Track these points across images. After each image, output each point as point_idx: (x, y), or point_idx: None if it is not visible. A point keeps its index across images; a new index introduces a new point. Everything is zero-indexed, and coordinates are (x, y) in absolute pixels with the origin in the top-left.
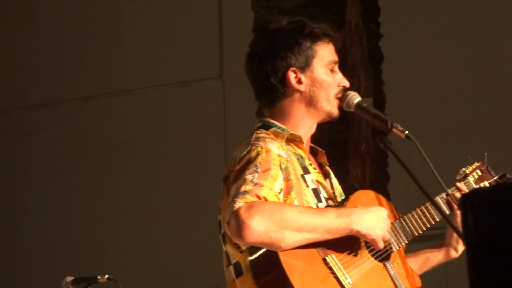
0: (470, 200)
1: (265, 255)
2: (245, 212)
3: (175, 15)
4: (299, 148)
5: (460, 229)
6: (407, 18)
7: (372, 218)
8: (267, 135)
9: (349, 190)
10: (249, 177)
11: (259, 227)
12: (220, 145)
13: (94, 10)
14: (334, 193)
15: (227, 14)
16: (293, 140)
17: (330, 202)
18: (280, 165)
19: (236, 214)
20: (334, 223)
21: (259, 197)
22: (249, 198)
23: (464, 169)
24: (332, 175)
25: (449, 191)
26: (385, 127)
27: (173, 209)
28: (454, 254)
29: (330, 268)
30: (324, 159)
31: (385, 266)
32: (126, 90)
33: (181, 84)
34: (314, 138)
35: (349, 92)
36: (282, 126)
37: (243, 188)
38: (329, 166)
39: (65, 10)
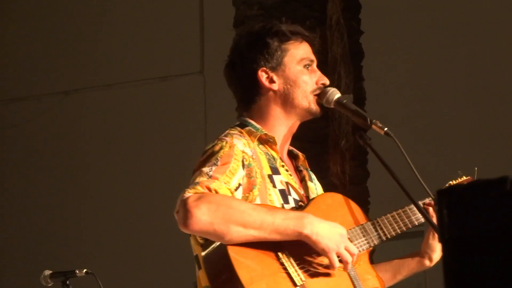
0: (446, 197)
1: (216, 248)
2: (193, 202)
3: (157, 10)
4: (272, 149)
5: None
6: (388, 15)
7: (326, 229)
8: (236, 132)
9: (328, 187)
10: (205, 169)
11: (204, 217)
12: (200, 139)
13: (74, 4)
14: (308, 196)
15: (208, 9)
16: (266, 140)
17: (301, 204)
18: (242, 161)
19: (184, 203)
20: (283, 224)
21: (209, 189)
22: (199, 189)
23: (451, 182)
24: (313, 180)
25: (427, 200)
26: (364, 124)
27: (152, 203)
28: (428, 264)
29: (281, 264)
30: (304, 164)
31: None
32: (106, 84)
33: (162, 79)
34: (294, 135)
35: (329, 88)
36: (257, 126)
37: (196, 179)
38: (310, 168)
39: (46, 4)
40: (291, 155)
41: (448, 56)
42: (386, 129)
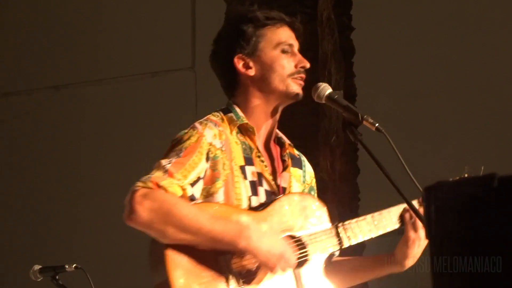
0: (433, 193)
1: (158, 245)
2: (138, 197)
3: (148, 5)
4: (250, 139)
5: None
6: (379, 12)
7: (266, 244)
8: (214, 119)
9: (318, 183)
10: (164, 161)
11: (145, 215)
12: None
13: (66, 0)
14: (287, 187)
15: (200, 4)
16: (246, 130)
17: (273, 197)
18: (207, 154)
19: (131, 196)
20: (220, 234)
21: (158, 186)
22: (149, 184)
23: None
24: (304, 168)
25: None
26: (355, 119)
27: None
28: (399, 269)
29: (220, 268)
30: (291, 151)
31: (294, 272)
32: (97, 79)
33: (152, 74)
34: (283, 130)
35: (320, 83)
36: (240, 114)
37: (152, 173)
38: (303, 157)
39: None
40: (279, 143)
41: (439, 52)
42: (377, 124)
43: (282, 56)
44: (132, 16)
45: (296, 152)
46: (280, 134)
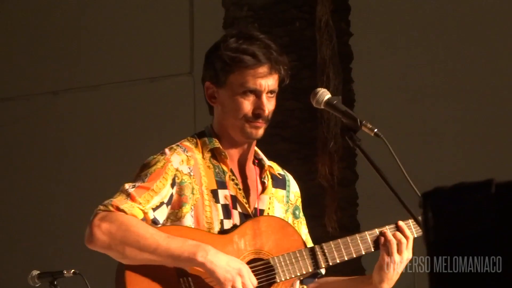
0: (431, 200)
1: (119, 267)
2: (97, 220)
3: (146, 11)
4: (223, 162)
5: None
6: (377, 17)
7: (222, 260)
8: (186, 145)
9: (317, 188)
10: (127, 185)
11: (103, 238)
12: None
13: (64, 5)
14: (264, 209)
15: (198, 10)
16: (219, 154)
17: (236, 224)
18: (174, 179)
19: (91, 220)
20: (178, 250)
21: (118, 209)
22: (110, 208)
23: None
24: (289, 188)
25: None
26: (354, 125)
27: None
28: None
29: None
30: (272, 171)
31: None
32: (96, 85)
33: (151, 80)
34: (282, 137)
35: (318, 89)
36: (212, 138)
37: (115, 196)
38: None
39: (35, 4)
40: (260, 164)
41: (437, 57)
42: (376, 130)
43: (242, 99)
44: (130, 21)
45: (279, 172)
46: (261, 156)
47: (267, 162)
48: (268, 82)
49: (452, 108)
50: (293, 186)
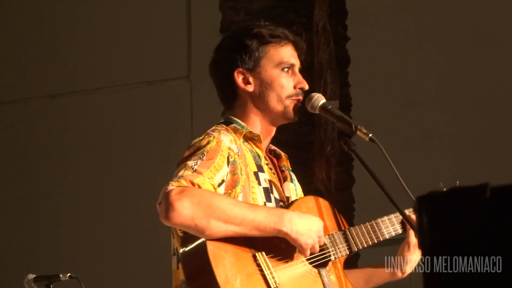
0: (426, 203)
1: (195, 244)
2: (175, 195)
3: (144, 14)
4: (257, 147)
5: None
6: (374, 21)
7: (304, 225)
8: (224, 129)
9: (313, 192)
10: (190, 163)
11: (186, 211)
12: (187, 144)
13: (61, 8)
14: (288, 197)
15: (195, 14)
16: (251, 138)
17: (281, 204)
18: (228, 158)
19: (166, 195)
20: (263, 221)
21: (193, 183)
22: (183, 182)
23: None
24: (294, 182)
25: (407, 212)
26: (349, 130)
27: (138, 208)
28: (399, 275)
29: (258, 265)
30: (286, 164)
31: (319, 272)
32: (93, 88)
33: (148, 83)
34: (279, 140)
35: (314, 94)
36: (242, 123)
37: (180, 173)
38: (293, 170)
39: (32, 7)
40: (274, 155)
41: (434, 62)
42: (371, 135)
43: (282, 75)
44: (127, 25)
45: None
46: (273, 147)
47: (283, 153)
48: (298, 59)
49: (448, 113)
50: (297, 182)
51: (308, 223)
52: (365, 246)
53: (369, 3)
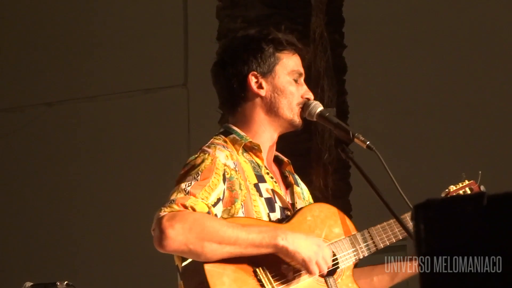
0: (423, 211)
1: (193, 262)
2: (167, 221)
3: (141, 22)
4: (257, 156)
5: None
6: (370, 29)
7: (302, 239)
8: (221, 142)
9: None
10: (183, 185)
11: (179, 238)
12: (184, 152)
13: (59, 16)
14: (294, 203)
15: (192, 22)
16: (251, 148)
17: (287, 213)
18: (224, 175)
19: (159, 222)
20: (258, 237)
21: (185, 207)
22: (175, 207)
23: (452, 186)
24: (300, 184)
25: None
26: (346, 137)
27: (135, 215)
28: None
29: (259, 280)
30: (290, 169)
31: (326, 281)
32: (90, 96)
33: (145, 91)
34: (276, 148)
35: (311, 101)
36: (242, 133)
37: (173, 196)
38: (296, 176)
39: (30, 15)
40: (277, 161)
41: (431, 69)
42: (368, 142)
43: (293, 83)
44: (124, 33)
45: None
46: (277, 153)
47: (285, 159)
48: (303, 72)
49: (445, 120)
50: (302, 184)
51: (305, 237)
52: (383, 246)
53: (365, 11)
